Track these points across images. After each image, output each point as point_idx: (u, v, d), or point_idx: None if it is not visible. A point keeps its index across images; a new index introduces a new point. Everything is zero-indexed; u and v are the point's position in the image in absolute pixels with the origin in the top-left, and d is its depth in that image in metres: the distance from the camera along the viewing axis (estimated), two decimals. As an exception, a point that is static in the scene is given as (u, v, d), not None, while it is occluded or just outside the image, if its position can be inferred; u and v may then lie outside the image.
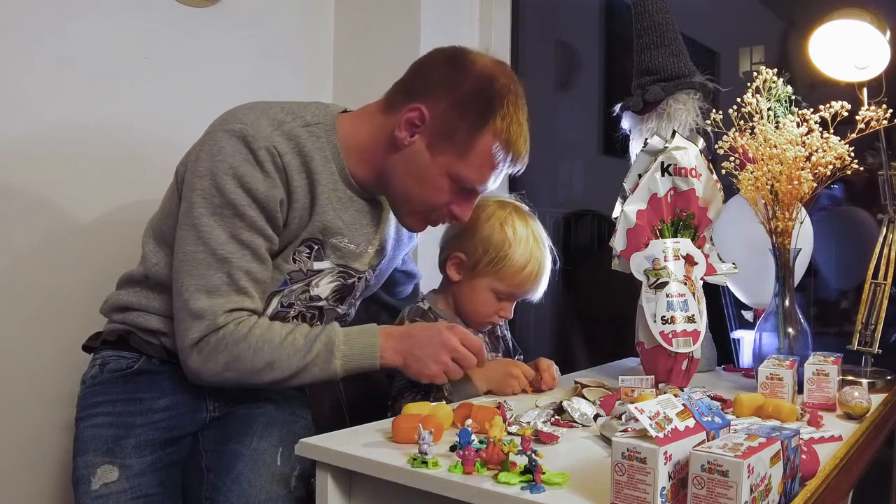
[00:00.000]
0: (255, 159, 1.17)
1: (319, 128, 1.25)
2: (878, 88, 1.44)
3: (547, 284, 1.46)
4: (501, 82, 1.21)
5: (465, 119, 1.19)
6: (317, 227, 1.25)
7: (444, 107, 1.19)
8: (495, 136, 1.20)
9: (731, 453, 0.69)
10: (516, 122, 1.22)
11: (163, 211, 1.32)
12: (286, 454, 1.20)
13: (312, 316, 1.32)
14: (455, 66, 1.22)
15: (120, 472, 1.20)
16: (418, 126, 1.20)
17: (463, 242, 1.41)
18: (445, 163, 1.21)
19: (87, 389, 1.30)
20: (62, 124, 1.58)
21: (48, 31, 1.54)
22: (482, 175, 1.23)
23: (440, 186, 1.23)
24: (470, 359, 1.21)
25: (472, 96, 1.19)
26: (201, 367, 1.17)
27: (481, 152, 1.21)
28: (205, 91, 1.80)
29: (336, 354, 1.18)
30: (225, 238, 1.17)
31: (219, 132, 1.20)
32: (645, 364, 1.36)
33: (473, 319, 1.44)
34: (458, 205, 1.27)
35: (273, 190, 1.18)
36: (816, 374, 1.21)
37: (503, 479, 0.83)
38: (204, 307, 1.16)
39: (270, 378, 1.18)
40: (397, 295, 1.64)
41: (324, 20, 2.11)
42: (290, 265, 1.26)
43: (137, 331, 1.30)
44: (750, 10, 2.05)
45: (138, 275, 1.32)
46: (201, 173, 1.18)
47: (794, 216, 1.30)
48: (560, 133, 2.35)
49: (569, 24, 2.38)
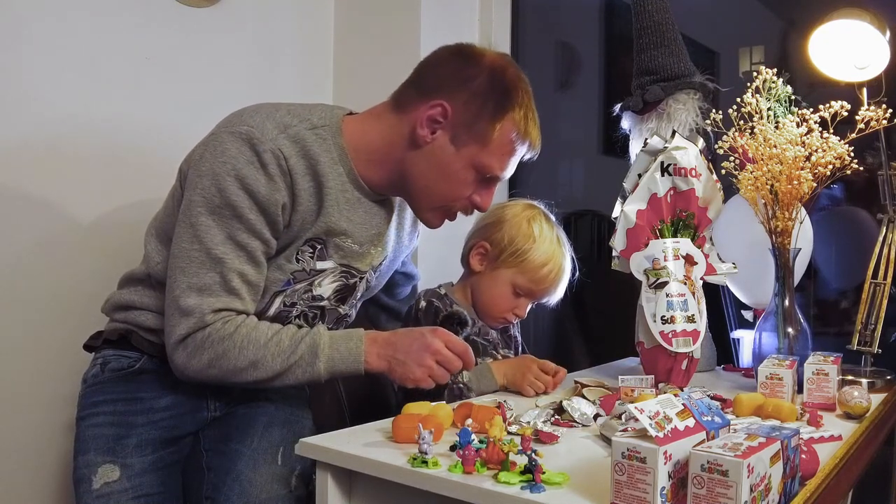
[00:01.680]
0: (260, 162, 1.17)
1: (326, 130, 1.25)
2: (878, 88, 1.44)
3: (564, 291, 1.49)
4: (512, 72, 1.25)
5: (486, 109, 1.22)
6: (321, 227, 1.25)
7: (464, 100, 1.21)
8: (514, 124, 1.23)
9: (731, 453, 0.69)
10: (531, 110, 1.26)
11: (165, 210, 1.32)
12: (286, 454, 1.20)
13: (314, 316, 1.32)
14: (466, 60, 1.24)
15: (121, 471, 1.20)
16: (440, 122, 1.22)
17: (489, 233, 1.46)
18: (470, 154, 1.23)
19: (89, 389, 1.30)
20: (62, 124, 1.58)
21: (48, 31, 1.54)
22: (503, 162, 1.26)
23: (464, 178, 1.25)
24: (454, 361, 1.21)
25: (489, 87, 1.22)
26: (186, 363, 1.18)
27: (502, 140, 1.23)
28: (205, 91, 1.80)
29: (320, 357, 1.18)
30: (221, 238, 1.18)
31: (224, 133, 1.20)
32: (645, 364, 1.36)
33: (489, 313, 1.46)
34: (479, 194, 1.29)
35: (275, 193, 1.19)
36: (816, 374, 1.21)
37: (503, 479, 0.83)
38: (192, 305, 1.16)
39: (253, 377, 1.18)
40: (396, 296, 1.65)
41: (324, 20, 2.11)
42: (294, 265, 1.26)
43: (139, 330, 1.30)
44: (750, 10, 2.04)
45: (140, 274, 1.32)
46: (204, 173, 1.18)
47: (794, 216, 1.30)
48: (560, 133, 2.35)
49: (569, 24, 2.38)
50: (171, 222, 1.26)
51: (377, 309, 1.64)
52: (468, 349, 1.24)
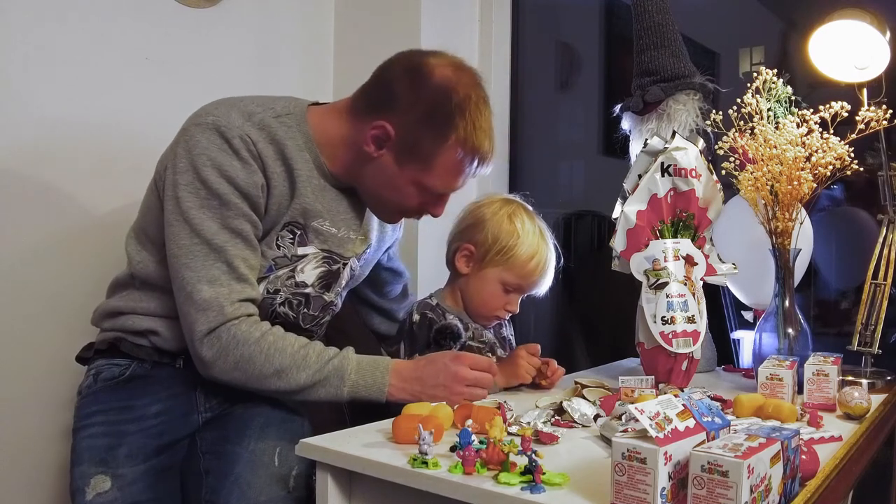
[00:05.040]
0: (231, 148, 1.19)
1: (290, 118, 1.27)
2: (878, 89, 1.44)
3: (552, 279, 1.49)
4: (461, 94, 1.23)
5: (428, 134, 1.22)
6: (297, 210, 1.27)
7: (407, 123, 1.22)
8: (459, 145, 1.23)
9: (731, 453, 0.69)
10: (479, 129, 1.24)
11: (141, 210, 1.33)
12: (283, 454, 1.20)
13: (299, 303, 1.32)
14: (413, 80, 1.23)
15: (112, 481, 1.20)
16: (385, 141, 1.23)
17: (472, 235, 1.45)
18: (412, 174, 1.25)
19: (83, 400, 1.30)
20: (62, 124, 1.58)
21: (48, 31, 1.54)
22: (449, 182, 1.27)
23: (410, 193, 1.28)
24: (486, 379, 1.25)
25: (432, 110, 1.22)
26: (213, 361, 1.18)
27: (446, 162, 1.24)
28: (205, 91, 1.79)
29: (346, 382, 1.20)
30: (217, 228, 1.19)
31: (192, 127, 1.22)
32: (645, 364, 1.36)
33: (481, 313, 1.46)
34: (431, 206, 1.31)
35: (253, 176, 1.21)
36: (816, 375, 1.21)
37: (503, 480, 0.83)
38: (208, 297, 1.17)
39: (276, 387, 1.19)
40: (387, 295, 1.65)
41: (324, 20, 2.11)
42: (275, 251, 1.27)
43: (127, 335, 1.31)
44: (750, 11, 2.04)
45: (124, 278, 1.33)
46: (182, 168, 1.20)
47: (794, 217, 1.30)
48: (560, 133, 2.35)
49: (569, 24, 2.38)
50: (149, 221, 1.28)
51: (370, 310, 1.64)
52: (492, 363, 1.28)
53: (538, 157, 2.22)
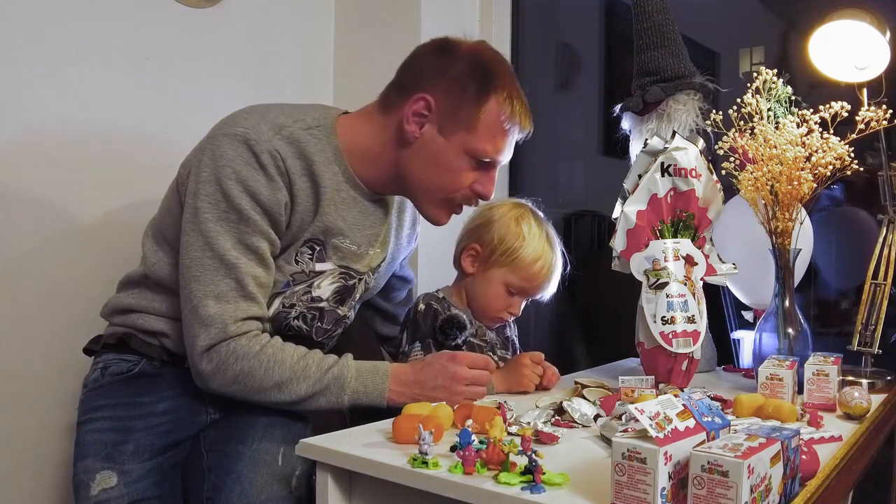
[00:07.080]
0: (258, 163, 1.18)
1: (320, 130, 1.26)
2: (878, 89, 1.44)
3: (557, 286, 1.50)
4: (490, 55, 1.27)
5: (468, 94, 1.22)
6: (319, 227, 1.26)
7: (444, 89, 1.22)
8: (498, 105, 1.24)
9: (731, 453, 0.69)
10: (515, 90, 1.26)
11: (162, 210, 1.32)
12: (287, 454, 1.20)
13: (313, 317, 1.32)
14: (442, 51, 1.26)
15: (118, 477, 1.20)
16: (426, 115, 1.23)
17: (479, 235, 1.46)
18: (460, 141, 1.24)
19: (89, 393, 1.30)
20: (61, 125, 1.58)
21: (48, 31, 1.54)
22: (496, 145, 1.26)
23: (459, 167, 1.26)
24: (484, 376, 1.25)
25: (468, 72, 1.23)
26: (211, 375, 1.18)
27: (489, 122, 1.24)
28: (205, 91, 1.80)
29: (346, 390, 1.20)
30: (232, 243, 1.18)
31: (220, 136, 1.20)
32: (645, 364, 1.36)
33: (484, 314, 1.47)
34: (480, 182, 1.29)
35: (276, 193, 1.19)
36: (816, 375, 1.21)
37: (503, 480, 0.83)
38: (213, 314, 1.17)
39: (277, 399, 1.19)
40: (392, 300, 1.65)
41: (324, 20, 2.11)
42: (293, 266, 1.26)
43: (138, 333, 1.30)
44: (750, 11, 2.04)
45: (137, 276, 1.32)
46: (205, 178, 1.19)
47: (794, 216, 1.30)
48: (560, 133, 2.35)
49: (569, 24, 2.38)
50: (168, 223, 1.27)
51: (373, 312, 1.64)
52: (488, 360, 1.28)
53: (538, 156, 2.22)
